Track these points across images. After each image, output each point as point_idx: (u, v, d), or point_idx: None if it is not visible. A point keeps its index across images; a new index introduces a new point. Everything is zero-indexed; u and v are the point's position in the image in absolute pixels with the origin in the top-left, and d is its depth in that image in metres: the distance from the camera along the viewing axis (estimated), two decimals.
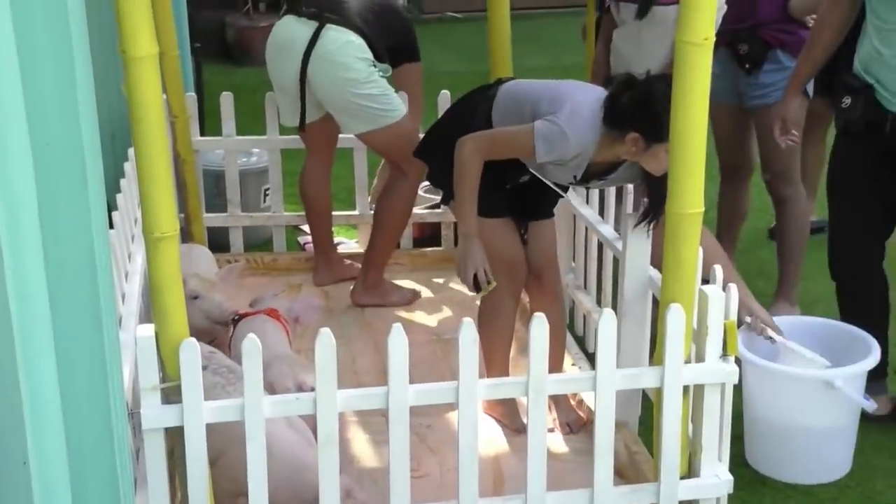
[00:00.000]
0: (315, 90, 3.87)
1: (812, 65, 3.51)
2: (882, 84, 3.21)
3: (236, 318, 3.37)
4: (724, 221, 4.33)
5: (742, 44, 3.89)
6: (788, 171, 4.04)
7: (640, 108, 2.80)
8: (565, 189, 3.20)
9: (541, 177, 3.07)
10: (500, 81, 3.22)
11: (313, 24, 3.78)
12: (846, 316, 3.46)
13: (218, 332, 3.45)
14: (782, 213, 4.13)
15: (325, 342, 2.41)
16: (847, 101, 3.32)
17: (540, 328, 2.51)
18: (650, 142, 2.80)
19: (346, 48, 3.75)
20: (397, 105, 3.87)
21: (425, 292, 4.25)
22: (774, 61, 3.89)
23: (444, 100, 4.38)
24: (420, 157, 3.37)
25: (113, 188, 3.15)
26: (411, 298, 4.17)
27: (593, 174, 3.02)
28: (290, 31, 3.85)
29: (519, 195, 3.20)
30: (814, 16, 3.81)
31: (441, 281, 4.35)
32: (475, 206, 3.03)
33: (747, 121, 4.10)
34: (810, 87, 3.87)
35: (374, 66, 3.82)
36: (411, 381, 2.49)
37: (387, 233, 4.06)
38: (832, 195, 3.49)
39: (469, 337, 2.48)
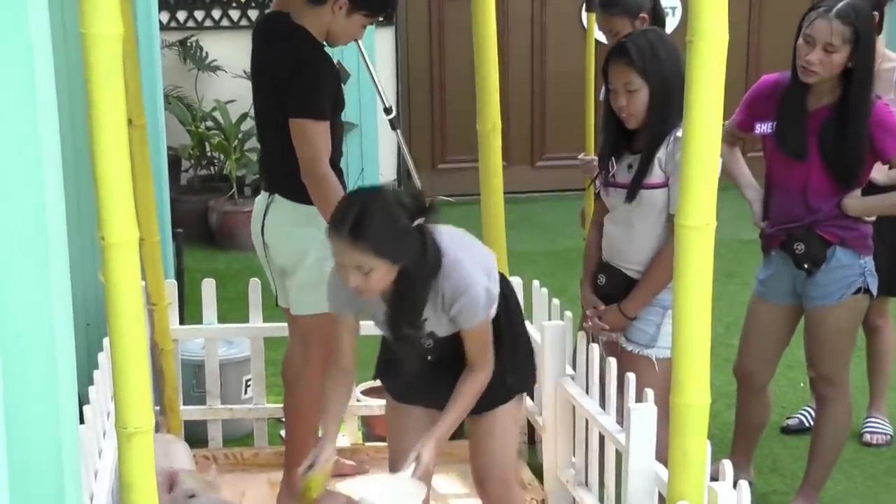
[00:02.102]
0: (273, 260, 3.90)
1: None
2: None
3: None
4: (740, 429, 4.26)
5: (798, 243, 3.82)
6: (835, 375, 3.97)
7: None
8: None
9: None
10: None
11: (266, 195, 3.87)
12: None
13: None
14: (822, 413, 4.06)
15: None
16: None
17: None
18: None
19: (290, 218, 3.78)
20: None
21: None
22: (833, 259, 3.81)
23: None
24: None
25: (86, 380, 3.14)
26: None
27: None
28: (256, 204, 3.95)
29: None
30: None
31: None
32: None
33: (794, 323, 4.04)
34: (874, 286, 3.86)
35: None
36: None
37: (303, 427, 3.93)
38: None
39: None
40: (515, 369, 3.23)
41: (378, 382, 3.51)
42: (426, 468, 2.92)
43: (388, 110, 5.37)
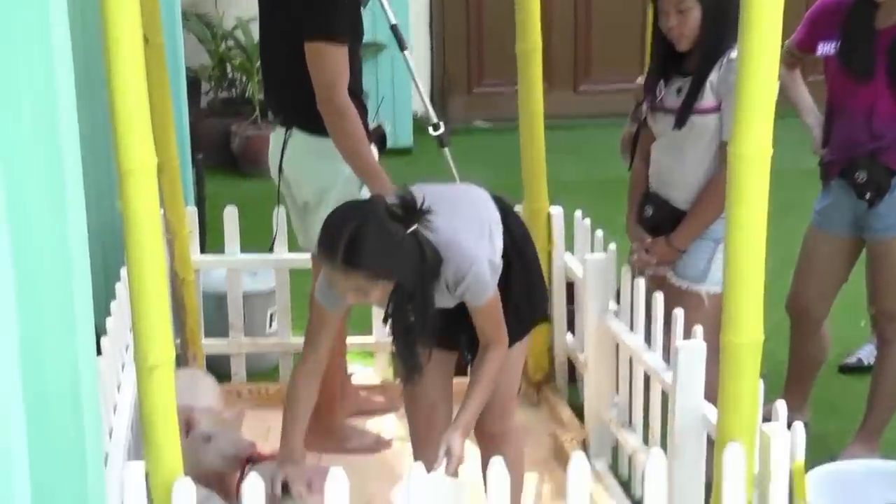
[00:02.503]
0: (295, 197, 3.90)
1: None
2: None
3: (250, 460, 3.31)
4: (795, 367, 4.25)
5: (860, 171, 3.75)
6: None
7: None
8: None
9: None
10: None
11: (282, 131, 3.83)
12: None
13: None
14: (884, 353, 4.04)
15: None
16: None
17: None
18: None
19: (312, 152, 3.75)
20: None
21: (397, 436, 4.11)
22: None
23: None
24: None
25: (103, 311, 3.16)
26: (373, 446, 4.06)
27: None
28: (272, 140, 3.92)
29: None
30: None
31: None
32: None
33: (853, 257, 4.02)
34: None
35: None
36: None
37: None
38: None
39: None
40: (533, 299, 3.23)
41: None
42: (459, 462, 2.90)
43: (435, 126, 5.02)
